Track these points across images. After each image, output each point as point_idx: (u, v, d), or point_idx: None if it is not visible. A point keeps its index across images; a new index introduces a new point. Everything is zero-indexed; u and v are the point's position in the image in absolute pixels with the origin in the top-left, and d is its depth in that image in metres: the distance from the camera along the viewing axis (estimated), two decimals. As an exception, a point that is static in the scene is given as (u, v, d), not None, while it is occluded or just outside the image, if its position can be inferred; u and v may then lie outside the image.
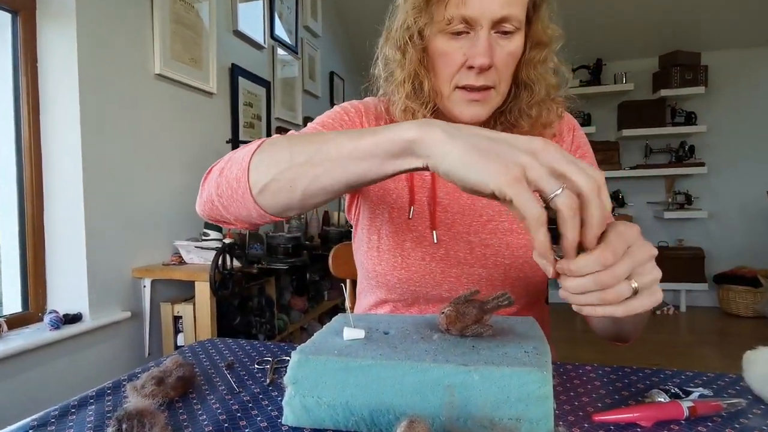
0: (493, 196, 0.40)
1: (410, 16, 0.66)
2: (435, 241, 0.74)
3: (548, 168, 0.39)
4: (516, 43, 0.66)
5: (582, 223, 0.39)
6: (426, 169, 0.45)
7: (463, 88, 0.67)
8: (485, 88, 0.67)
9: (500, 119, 0.74)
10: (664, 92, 3.93)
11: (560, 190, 0.38)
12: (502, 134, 0.42)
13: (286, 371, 0.48)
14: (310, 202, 0.52)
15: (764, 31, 3.77)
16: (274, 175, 0.50)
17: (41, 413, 0.52)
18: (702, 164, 3.92)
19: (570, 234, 0.39)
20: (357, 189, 0.81)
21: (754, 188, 3.91)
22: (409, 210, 0.75)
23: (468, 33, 0.64)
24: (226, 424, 0.49)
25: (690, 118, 3.98)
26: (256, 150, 0.53)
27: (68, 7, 1.56)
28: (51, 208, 1.60)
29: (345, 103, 0.81)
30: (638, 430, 0.46)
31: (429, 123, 0.44)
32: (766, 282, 3.64)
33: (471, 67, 0.65)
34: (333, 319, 0.61)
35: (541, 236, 0.39)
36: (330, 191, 0.50)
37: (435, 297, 0.75)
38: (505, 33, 0.65)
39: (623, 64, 4.20)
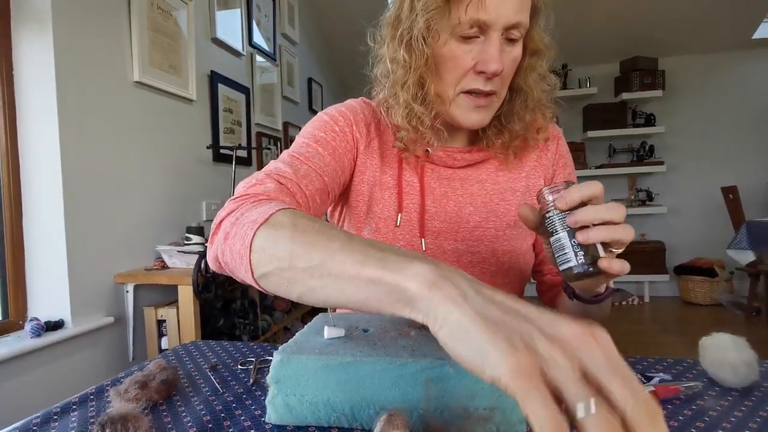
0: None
1: (424, 16, 0.62)
2: (423, 249, 0.73)
3: (581, 369, 0.26)
4: (519, 50, 0.65)
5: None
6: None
7: (469, 92, 0.65)
8: (490, 94, 0.66)
9: (493, 122, 0.72)
10: (625, 95, 4.04)
11: (593, 408, 0.25)
12: (531, 309, 0.31)
13: (268, 371, 0.48)
14: (309, 302, 0.44)
15: (715, 39, 3.91)
16: (274, 268, 0.44)
17: (23, 421, 0.51)
18: (661, 163, 4.05)
19: None
20: (341, 200, 0.78)
21: (709, 184, 4.05)
22: (397, 218, 0.73)
23: (478, 38, 0.63)
24: (210, 425, 0.48)
25: (649, 120, 4.10)
26: (261, 225, 0.46)
27: (44, 13, 1.51)
28: (30, 216, 1.55)
29: (331, 110, 0.76)
30: (604, 414, 0.48)
31: (448, 276, 0.33)
32: (721, 272, 3.78)
33: (480, 72, 0.63)
34: (314, 318, 0.61)
35: None
36: (324, 303, 0.43)
37: None
38: (511, 40, 0.64)
39: (587, 69, 4.30)
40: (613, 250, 0.49)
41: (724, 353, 0.53)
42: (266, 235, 0.46)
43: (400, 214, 0.73)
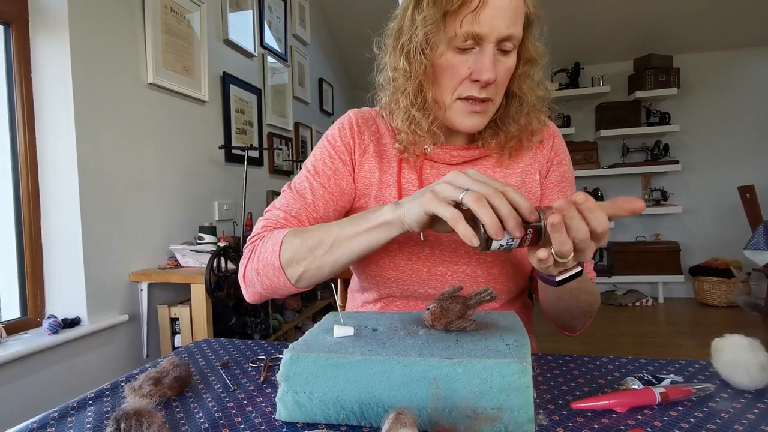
0: (435, 219, 0.55)
1: (423, 29, 0.66)
2: (422, 239, 0.75)
3: (453, 186, 0.52)
4: (513, 59, 0.69)
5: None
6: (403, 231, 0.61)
7: (465, 99, 0.69)
8: (485, 100, 0.69)
9: (490, 124, 0.76)
10: (639, 94, 3.99)
11: (463, 193, 0.51)
12: (431, 186, 0.56)
13: (279, 369, 0.48)
14: (337, 272, 0.67)
15: (732, 35, 3.84)
16: (304, 267, 0.66)
17: (41, 415, 0.52)
18: (676, 162, 3.99)
19: (486, 219, 0.49)
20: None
21: (725, 183, 3.98)
22: None
23: (473, 48, 0.66)
24: (221, 421, 0.49)
25: (664, 118, 4.04)
26: (280, 251, 0.66)
27: (61, 18, 1.54)
28: (48, 216, 1.58)
29: (332, 130, 0.81)
30: (614, 415, 0.47)
31: (397, 204, 0.59)
32: (737, 273, 3.71)
33: (475, 81, 0.67)
34: (324, 317, 0.62)
35: (462, 229, 0.51)
36: (348, 263, 0.65)
37: (422, 294, 0.77)
38: (505, 50, 0.67)
39: (600, 67, 4.25)
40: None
41: (738, 355, 0.52)
42: (287, 250, 0.66)
43: None
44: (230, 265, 1.84)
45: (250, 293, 0.73)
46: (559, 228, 0.49)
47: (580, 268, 0.61)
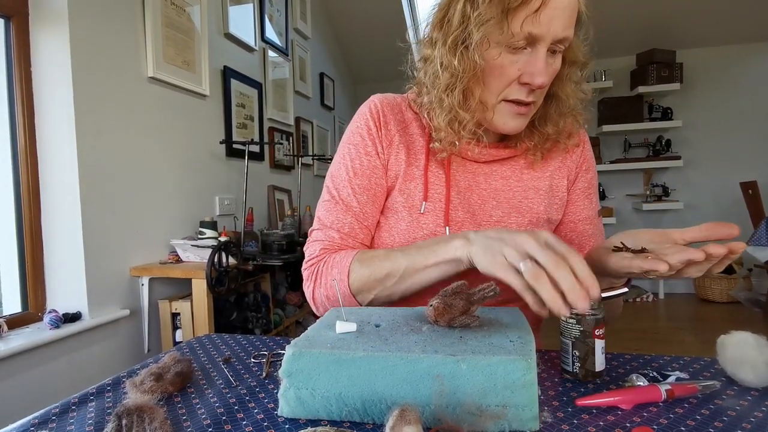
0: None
1: (480, 27, 0.62)
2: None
3: (522, 252, 0.51)
4: (560, 61, 0.67)
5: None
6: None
7: (511, 101, 0.67)
8: (530, 103, 0.67)
9: (527, 124, 0.74)
10: (641, 89, 3.97)
11: (523, 263, 0.50)
12: (503, 233, 0.56)
13: (281, 364, 0.48)
14: (405, 297, 0.69)
15: (735, 30, 3.82)
16: (375, 295, 0.68)
17: (42, 411, 0.52)
18: (678, 158, 3.97)
19: (544, 295, 0.48)
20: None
21: (727, 179, 3.96)
22: (421, 206, 0.75)
23: (524, 49, 0.63)
24: (224, 417, 0.49)
25: (666, 114, 4.02)
26: (349, 280, 0.68)
27: (61, 12, 1.53)
28: (48, 210, 1.58)
29: (362, 127, 0.77)
30: (619, 412, 0.47)
31: (468, 241, 0.59)
32: (739, 269, 3.70)
33: (524, 84, 0.65)
34: (326, 313, 0.61)
35: (529, 297, 0.50)
36: (417, 291, 0.67)
37: (429, 292, 0.75)
38: (555, 52, 0.65)
39: (602, 62, 4.23)
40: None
41: (744, 352, 0.52)
42: (355, 281, 0.68)
43: (424, 203, 0.75)
44: (231, 260, 1.84)
45: (320, 312, 0.76)
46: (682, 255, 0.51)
47: (626, 289, 0.61)
